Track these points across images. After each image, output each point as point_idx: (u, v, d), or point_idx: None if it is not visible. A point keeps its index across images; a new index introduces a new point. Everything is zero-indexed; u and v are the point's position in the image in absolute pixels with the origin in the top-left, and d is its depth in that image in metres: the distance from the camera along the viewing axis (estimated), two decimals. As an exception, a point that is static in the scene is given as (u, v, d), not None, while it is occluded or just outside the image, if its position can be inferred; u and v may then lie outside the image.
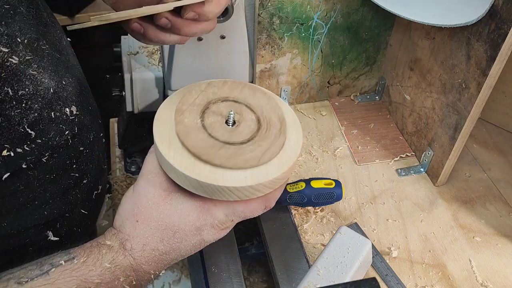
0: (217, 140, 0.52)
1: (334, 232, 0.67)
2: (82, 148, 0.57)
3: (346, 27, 0.90)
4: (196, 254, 0.67)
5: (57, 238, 0.58)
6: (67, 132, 0.53)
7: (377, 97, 1.03)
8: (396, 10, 0.79)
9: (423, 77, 0.85)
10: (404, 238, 0.77)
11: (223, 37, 0.73)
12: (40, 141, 0.50)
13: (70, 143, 0.54)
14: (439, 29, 0.77)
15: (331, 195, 0.75)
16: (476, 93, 0.71)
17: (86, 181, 0.60)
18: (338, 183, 0.76)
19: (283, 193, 0.68)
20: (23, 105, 0.47)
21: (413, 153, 0.91)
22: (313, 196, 0.74)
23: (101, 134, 0.65)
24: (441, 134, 0.82)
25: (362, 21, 0.90)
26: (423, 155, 0.88)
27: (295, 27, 0.86)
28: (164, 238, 0.51)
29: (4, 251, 0.55)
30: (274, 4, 0.81)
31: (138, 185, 0.53)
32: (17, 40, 0.47)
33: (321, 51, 0.92)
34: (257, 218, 0.73)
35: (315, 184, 0.75)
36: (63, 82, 0.53)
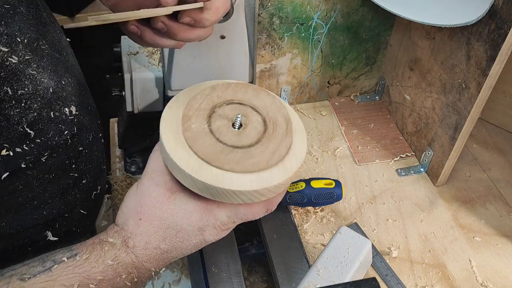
0: (225, 144, 0.52)
1: (334, 232, 0.67)
2: (81, 148, 0.57)
3: (346, 27, 0.90)
4: (196, 254, 0.67)
5: (56, 238, 0.58)
6: (66, 132, 0.53)
7: (377, 97, 1.03)
8: (396, 10, 0.79)
9: (423, 77, 0.85)
10: (404, 238, 0.77)
11: (223, 37, 0.73)
12: (39, 140, 0.50)
13: (69, 143, 0.54)
14: (439, 29, 0.77)
15: (331, 195, 0.75)
16: (476, 93, 0.71)
17: (85, 181, 0.60)
18: (338, 183, 0.76)
19: (283, 194, 0.68)
20: (23, 104, 0.47)
21: (413, 153, 0.91)
22: (313, 196, 0.74)
23: (100, 135, 0.65)
24: (441, 134, 0.82)
25: (362, 21, 0.90)
26: (423, 155, 0.88)
27: (295, 27, 0.86)
28: (166, 237, 0.51)
29: (3, 251, 0.55)
30: (274, 4, 0.81)
31: (142, 183, 0.53)
32: (17, 40, 0.47)
33: (321, 51, 0.92)
34: (257, 219, 0.73)
35: (315, 184, 0.75)
36: (63, 82, 0.53)
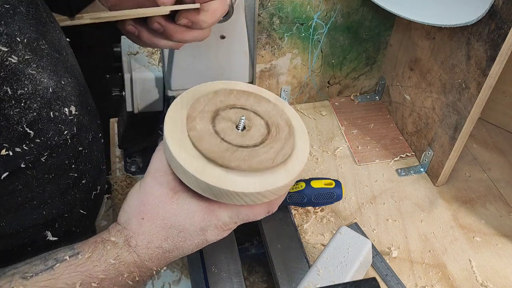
0: (230, 144, 0.52)
1: (334, 232, 0.67)
2: (81, 148, 0.57)
3: (346, 27, 0.90)
4: (196, 254, 0.67)
5: (55, 238, 0.58)
6: (66, 132, 0.53)
7: (377, 97, 1.03)
8: (396, 10, 0.79)
9: (423, 77, 0.85)
10: (404, 238, 0.77)
11: (223, 37, 0.73)
12: (39, 140, 0.50)
13: (69, 143, 0.54)
14: (439, 29, 0.77)
15: (331, 195, 0.75)
16: (476, 93, 0.71)
17: (85, 181, 0.60)
18: (338, 183, 0.76)
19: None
20: (22, 104, 0.47)
21: (413, 153, 0.91)
22: (313, 196, 0.74)
23: (100, 135, 0.65)
24: (441, 134, 0.81)
25: (362, 21, 0.90)
26: (423, 155, 0.88)
27: (295, 27, 0.86)
28: (168, 236, 0.51)
29: (2, 251, 0.55)
30: (274, 4, 0.81)
31: (145, 183, 0.53)
32: (17, 40, 0.47)
33: (321, 51, 0.92)
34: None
35: (315, 184, 0.75)
36: (62, 82, 0.53)
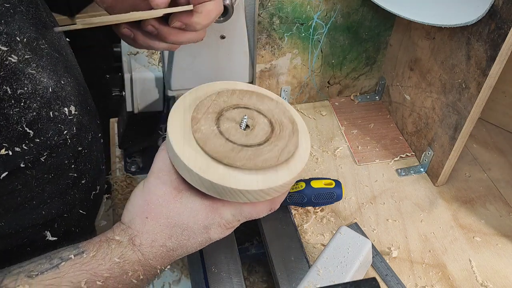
0: (235, 143, 0.53)
1: (334, 232, 0.67)
2: (81, 148, 0.57)
3: (346, 27, 0.90)
4: (196, 254, 0.67)
5: (55, 238, 0.58)
6: (65, 131, 0.53)
7: (377, 97, 1.03)
8: (396, 10, 0.79)
9: (423, 77, 0.85)
10: (404, 238, 0.77)
11: (223, 37, 0.73)
12: (38, 140, 0.50)
13: (68, 143, 0.54)
14: (439, 29, 0.77)
15: (331, 195, 0.75)
16: (476, 93, 0.71)
17: (85, 181, 0.60)
18: (338, 183, 0.76)
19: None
20: (22, 104, 0.47)
21: (413, 153, 0.91)
22: (313, 196, 0.74)
23: (99, 135, 0.65)
24: (441, 134, 0.81)
25: (362, 21, 0.90)
26: (423, 155, 0.88)
27: (295, 27, 0.86)
28: (172, 235, 0.52)
29: (2, 251, 0.55)
30: (274, 4, 0.81)
31: (149, 182, 0.53)
32: (17, 39, 0.47)
33: (321, 51, 0.92)
34: (258, 218, 0.73)
35: (315, 184, 0.75)
36: (62, 81, 0.53)
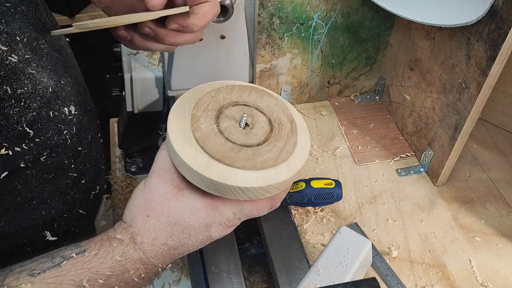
0: (234, 143, 0.53)
1: (334, 232, 0.67)
2: (81, 148, 0.57)
3: (346, 27, 0.90)
4: (196, 254, 0.67)
5: (55, 238, 0.58)
6: (65, 131, 0.53)
7: (377, 97, 1.03)
8: (396, 10, 0.79)
9: (423, 77, 0.85)
10: (404, 238, 0.77)
11: (223, 37, 0.73)
12: (38, 140, 0.50)
13: (68, 143, 0.54)
14: (439, 29, 0.77)
15: (331, 195, 0.75)
16: (476, 93, 0.71)
17: (84, 181, 0.60)
18: (338, 183, 0.76)
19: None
20: (22, 103, 0.47)
21: (413, 153, 0.91)
22: (313, 196, 0.74)
23: (99, 135, 0.65)
24: (441, 134, 0.81)
25: (362, 21, 0.90)
26: (423, 155, 0.88)
27: (295, 27, 0.86)
28: (173, 233, 0.52)
29: (2, 251, 0.55)
30: (274, 4, 0.81)
31: (150, 181, 0.54)
32: (17, 39, 0.47)
33: (321, 51, 0.92)
34: (257, 218, 0.73)
35: (315, 184, 0.75)
36: (62, 81, 0.53)
